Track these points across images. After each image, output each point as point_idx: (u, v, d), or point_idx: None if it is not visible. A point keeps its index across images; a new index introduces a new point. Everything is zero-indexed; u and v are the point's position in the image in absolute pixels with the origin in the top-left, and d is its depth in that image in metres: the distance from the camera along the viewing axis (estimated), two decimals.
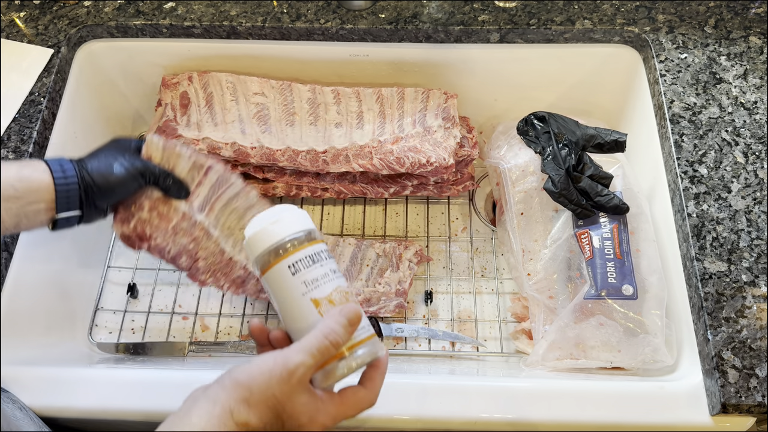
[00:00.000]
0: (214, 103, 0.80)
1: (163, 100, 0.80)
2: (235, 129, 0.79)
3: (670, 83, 0.73)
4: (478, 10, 0.79)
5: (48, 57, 0.75)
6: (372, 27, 0.77)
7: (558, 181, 0.69)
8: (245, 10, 0.79)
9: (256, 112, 0.81)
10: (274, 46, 0.80)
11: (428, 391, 0.59)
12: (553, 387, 0.60)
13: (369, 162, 0.77)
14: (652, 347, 0.63)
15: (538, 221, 0.73)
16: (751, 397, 0.55)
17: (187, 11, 0.79)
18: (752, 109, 0.70)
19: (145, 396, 0.58)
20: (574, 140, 0.72)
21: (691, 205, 0.64)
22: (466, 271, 0.82)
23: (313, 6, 0.79)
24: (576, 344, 0.65)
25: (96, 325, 0.77)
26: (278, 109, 0.81)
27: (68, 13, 0.79)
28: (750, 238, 0.62)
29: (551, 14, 0.78)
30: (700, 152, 0.68)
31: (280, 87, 0.82)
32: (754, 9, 0.79)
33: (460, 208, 0.87)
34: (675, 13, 0.79)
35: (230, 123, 0.80)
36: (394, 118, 0.82)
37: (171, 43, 0.80)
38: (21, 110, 0.71)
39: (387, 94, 0.82)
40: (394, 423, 0.58)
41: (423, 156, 0.76)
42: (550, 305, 0.69)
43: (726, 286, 0.60)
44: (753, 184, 0.66)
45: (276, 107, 0.81)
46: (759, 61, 0.74)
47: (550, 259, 0.70)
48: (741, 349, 0.57)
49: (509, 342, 0.76)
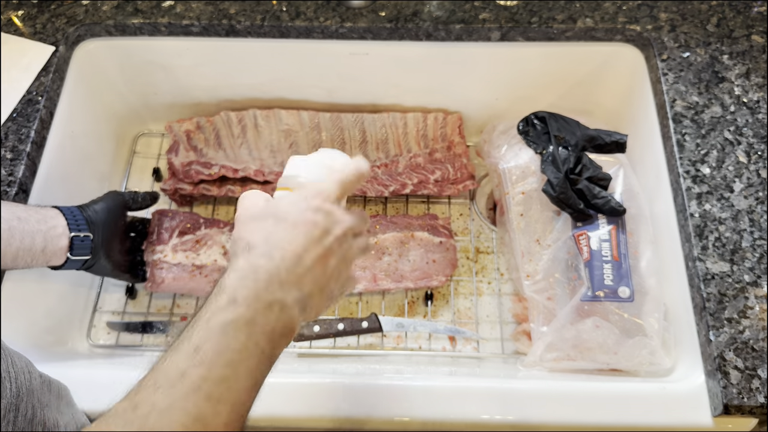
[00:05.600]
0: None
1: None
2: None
3: (672, 82, 0.72)
4: (479, 8, 0.78)
5: (49, 54, 0.74)
6: (372, 25, 0.77)
7: (556, 184, 0.69)
8: (244, 9, 0.78)
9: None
10: (273, 44, 0.80)
11: (428, 392, 0.58)
12: (555, 388, 0.59)
13: None
14: (649, 349, 0.63)
15: (538, 222, 0.73)
16: (753, 398, 0.55)
17: (185, 9, 0.78)
18: (755, 109, 0.70)
19: None
20: (574, 141, 0.72)
21: (693, 205, 0.64)
22: (466, 272, 0.81)
23: (313, 4, 0.79)
24: (573, 345, 0.65)
25: (94, 326, 0.76)
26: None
27: (66, 12, 0.78)
28: (752, 238, 0.62)
29: (552, 12, 0.78)
30: (703, 152, 0.67)
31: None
32: (757, 8, 0.78)
33: (461, 207, 0.87)
34: (677, 12, 0.78)
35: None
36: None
37: (169, 41, 0.80)
38: (19, 109, 0.70)
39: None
40: (394, 424, 0.58)
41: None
42: (548, 306, 0.69)
43: (728, 287, 0.60)
44: (755, 183, 0.65)
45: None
46: (761, 60, 0.74)
47: (549, 261, 0.70)
48: (743, 349, 0.57)
49: (509, 343, 0.75)
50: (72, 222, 0.63)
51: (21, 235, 0.57)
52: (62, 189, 0.73)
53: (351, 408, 0.57)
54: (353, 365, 0.73)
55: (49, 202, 0.64)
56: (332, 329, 0.73)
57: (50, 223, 0.61)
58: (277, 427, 0.59)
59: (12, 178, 0.66)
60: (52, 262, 0.61)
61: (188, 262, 0.75)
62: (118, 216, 0.69)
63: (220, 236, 0.78)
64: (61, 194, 0.73)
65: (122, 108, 0.88)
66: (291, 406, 0.57)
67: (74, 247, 0.62)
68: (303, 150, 0.86)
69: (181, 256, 0.75)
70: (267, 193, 0.45)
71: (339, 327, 0.73)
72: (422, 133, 0.88)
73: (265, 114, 0.86)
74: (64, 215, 0.62)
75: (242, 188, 0.83)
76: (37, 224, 0.59)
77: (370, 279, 0.75)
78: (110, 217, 0.67)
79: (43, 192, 0.69)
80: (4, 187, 0.65)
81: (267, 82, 0.86)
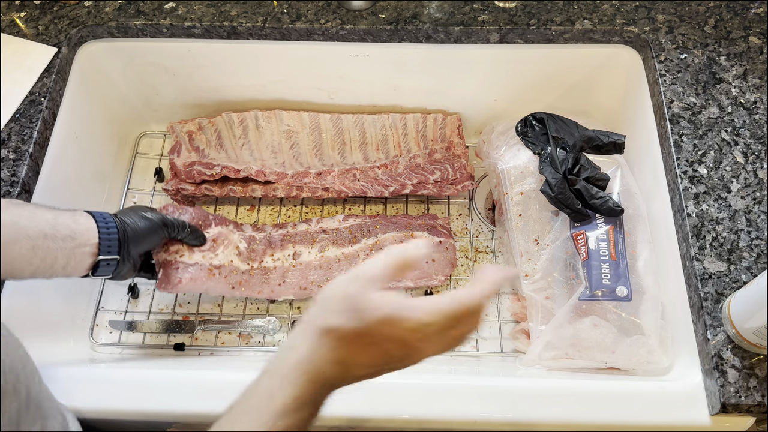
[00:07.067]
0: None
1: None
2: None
3: (669, 83, 0.73)
4: (478, 10, 0.79)
5: (51, 55, 0.75)
6: (372, 27, 0.77)
7: (555, 184, 0.69)
8: (245, 11, 0.79)
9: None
10: (275, 46, 0.80)
11: (428, 390, 0.59)
12: (553, 387, 0.60)
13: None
14: (646, 348, 0.63)
15: (536, 222, 0.73)
16: (750, 397, 0.55)
17: (187, 11, 0.79)
18: (752, 109, 0.70)
19: (145, 396, 0.58)
20: (572, 142, 0.72)
21: (690, 205, 0.64)
22: (466, 271, 0.82)
23: (313, 6, 0.79)
24: (572, 344, 0.65)
25: (97, 324, 0.77)
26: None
27: (69, 14, 0.79)
28: (750, 237, 0.62)
29: (551, 14, 0.78)
30: (700, 152, 0.68)
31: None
32: (754, 9, 0.79)
33: (460, 208, 0.87)
34: (675, 14, 0.79)
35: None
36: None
37: (171, 43, 0.80)
38: (21, 110, 0.71)
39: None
40: (394, 423, 0.58)
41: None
42: (547, 305, 0.69)
43: (726, 286, 0.60)
44: (753, 184, 0.66)
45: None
46: (759, 61, 0.74)
47: (547, 260, 0.71)
48: (741, 348, 0.57)
49: (508, 341, 0.76)
50: (104, 241, 0.58)
51: (44, 254, 0.54)
52: (65, 189, 0.74)
53: (351, 407, 0.57)
54: None
55: (51, 203, 0.64)
56: None
57: (78, 240, 0.57)
58: None
59: (15, 178, 0.66)
60: (69, 276, 0.58)
61: (205, 262, 0.71)
62: (155, 243, 0.66)
63: (232, 236, 0.75)
64: (63, 194, 0.73)
65: (124, 109, 0.89)
66: None
67: (98, 269, 0.59)
68: (303, 150, 0.87)
69: (197, 255, 0.70)
70: None
71: None
72: (422, 134, 0.88)
73: (266, 115, 0.86)
74: (99, 232, 0.58)
75: (243, 188, 0.83)
76: (63, 242, 0.55)
77: None
78: (147, 243, 0.64)
79: (45, 192, 0.69)
80: (7, 187, 0.66)
81: (268, 83, 0.86)
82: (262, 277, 0.75)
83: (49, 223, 0.55)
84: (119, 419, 0.59)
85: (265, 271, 0.76)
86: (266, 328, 0.76)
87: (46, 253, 0.54)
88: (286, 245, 0.79)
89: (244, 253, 0.76)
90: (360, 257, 0.79)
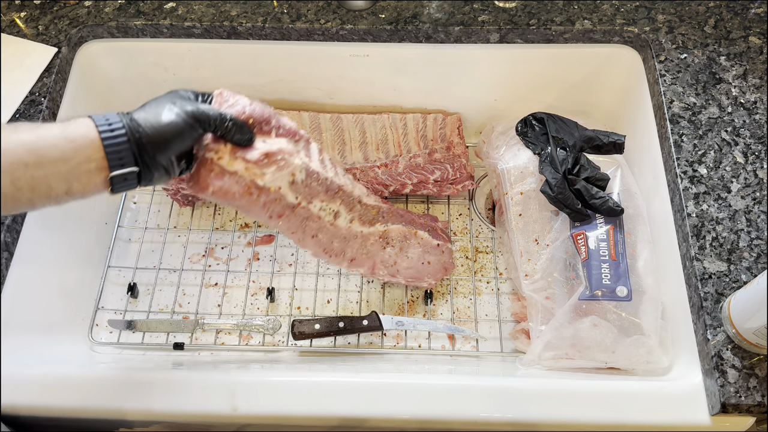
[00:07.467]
0: None
1: None
2: None
3: (669, 83, 0.73)
4: (478, 11, 0.79)
5: (51, 55, 0.75)
6: (372, 27, 0.77)
7: (555, 184, 0.69)
8: (245, 11, 0.79)
9: None
10: (275, 46, 0.80)
11: (427, 390, 0.59)
12: (553, 387, 0.60)
13: None
14: (646, 348, 0.63)
15: (536, 222, 0.73)
16: (750, 397, 0.55)
17: (187, 11, 0.79)
18: (752, 109, 0.71)
19: (145, 396, 0.58)
20: (572, 142, 0.72)
21: (690, 205, 0.64)
22: (465, 271, 0.82)
23: (314, 6, 0.79)
24: (572, 344, 0.65)
25: (96, 324, 0.77)
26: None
27: (69, 13, 0.79)
28: (750, 237, 0.62)
29: (551, 14, 0.78)
30: (700, 152, 0.68)
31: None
32: (754, 9, 0.79)
33: (460, 208, 0.87)
34: (675, 14, 0.79)
35: None
36: None
37: (171, 43, 0.80)
38: (21, 110, 0.71)
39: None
40: (394, 422, 0.58)
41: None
42: (547, 305, 0.69)
43: (726, 286, 0.60)
44: (753, 184, 0.66)
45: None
46: (759, 61, 0.74)
47: (547, 260, 0.71)
48: (741, 348, 0.57)
49: (509, 342, 0.76)
50: (112, 153, 0.48)
51: (31, 185, 0.45)
52: None
53: (351, 406, 0.57)
54: (353, 363, 0.73)
55: None
56: (332, 327, 0.74)
57: (76, 160, 0.46)
58: (277, 425, 0.59)
59: None
60: (84, 197, 0.49)
61: (247, 177, 0.56)
62: (188, 143, 0.53)
63: (293, 159, 0.60)
64: None
65: (124, 109, 0.87)
66: (291, 405, 0.58)
67: (115, 186, 0.49)
68: None
69: (240, 164, 0.56)
70: None
71: (339, 325, 0.74)
72: (422, 134, 0.89)
73: None
74: (103, 142, 0.47)
75: None
76: (54, 166, 0.45)
77: (369, 267, 0.74)
78: (176, 144, 0.51)
79: None
80: None
81: (268, 83, 0.86)
82: (304, 219, 0.65)
83: (29, 148, 0.45)
84: (119, 419, 0.59)
85: (308, 214, 0.65)
86: (266, 327, 0.76)
87: (34, 184, 0.45)
88: (335, 199, 0.67)
89: (298, 184, 0.61)
90: (370, 240, 0.74)
